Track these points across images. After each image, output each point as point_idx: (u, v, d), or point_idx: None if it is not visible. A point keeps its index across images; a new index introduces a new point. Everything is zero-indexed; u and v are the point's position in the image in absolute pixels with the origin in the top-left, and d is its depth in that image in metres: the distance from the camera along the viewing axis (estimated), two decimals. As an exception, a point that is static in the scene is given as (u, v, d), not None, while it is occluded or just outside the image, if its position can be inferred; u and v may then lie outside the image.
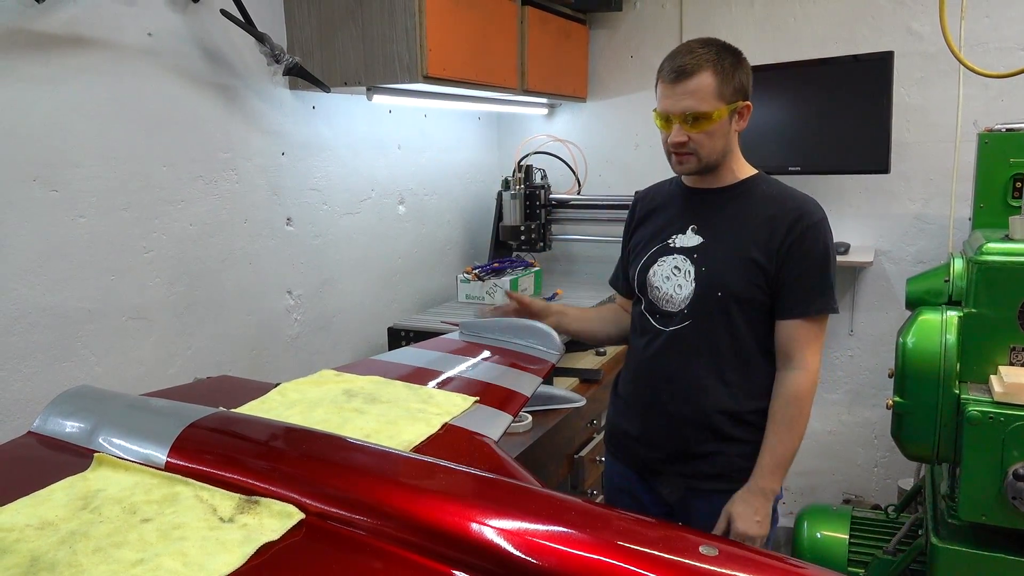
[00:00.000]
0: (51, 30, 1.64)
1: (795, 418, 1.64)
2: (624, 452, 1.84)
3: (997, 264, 1.85)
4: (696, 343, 1.68)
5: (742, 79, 1.63)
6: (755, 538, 1.63)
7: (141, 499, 0.97)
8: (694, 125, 1.61)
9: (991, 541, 1.89)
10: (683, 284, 1.68)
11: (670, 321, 1.71)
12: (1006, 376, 1.81)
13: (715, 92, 1.59)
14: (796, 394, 1.64)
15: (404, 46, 2.15)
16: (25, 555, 0.85)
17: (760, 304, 1.66)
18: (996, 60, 2.64)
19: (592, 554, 0.84)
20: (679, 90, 1.60)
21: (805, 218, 1.63)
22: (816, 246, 1.63)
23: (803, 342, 1.65)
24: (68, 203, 1.70)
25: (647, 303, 1.75)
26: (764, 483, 1.65)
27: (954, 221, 2.80)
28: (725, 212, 1.69)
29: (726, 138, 1.64)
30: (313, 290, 2.43)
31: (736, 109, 1.63)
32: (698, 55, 1.59)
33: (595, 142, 3.36)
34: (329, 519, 0.94)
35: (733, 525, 1.65)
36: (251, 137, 2.16)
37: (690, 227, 1.71)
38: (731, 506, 1.67)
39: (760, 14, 3.00)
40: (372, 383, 1.50)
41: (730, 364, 1.68)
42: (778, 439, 1.65)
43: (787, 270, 1.63)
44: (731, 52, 1.63)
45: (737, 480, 1.69)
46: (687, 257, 1.69)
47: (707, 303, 1.66)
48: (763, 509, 1.64)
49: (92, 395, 1.26)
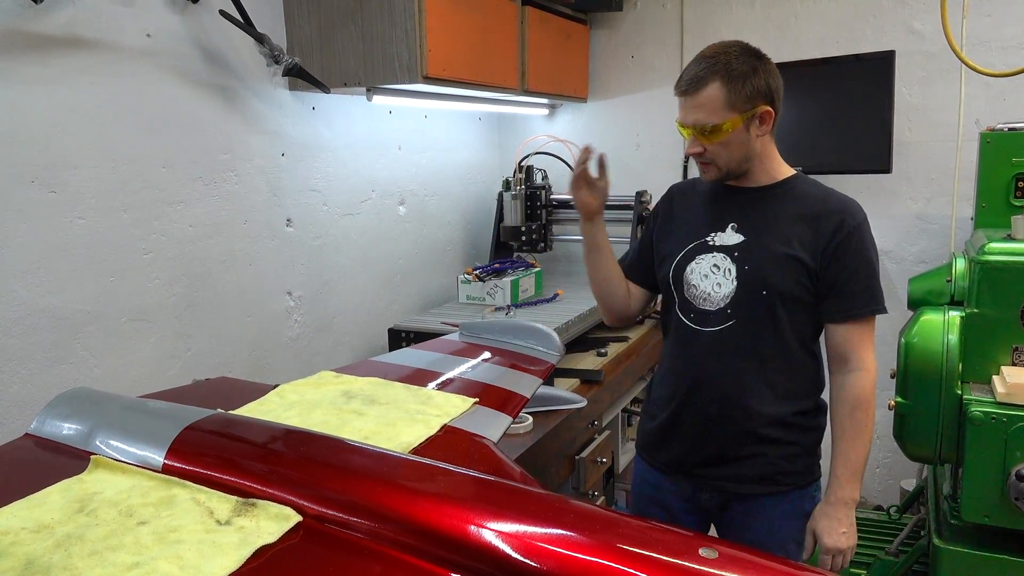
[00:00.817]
0: (49, 31, 1.64)
1: (863, 422, 1.62)
2: (661, 458, 1.79)
3: (999, 264, 1.84)
4: (739, 343, 1.64)
5: (758, 84, 1.58)
6: (844, 550, 1.62)
7: (138, 502, 0.97)
8: (707, 137, 1.59)
9: (994, 542, 1.89)
10: (722, 282, 1.65)
11: (709, 321, 1.66)
12: (1008, 376, 1.80)
13: (724, 103, 1.56)
14: (861, 397, 1.62)
15: (404, 46, 2.14)
16: (20, 558, 0.85)
17: (804, 303, 1.63)
18: (998, 59, 2.64)
19: (591, 556, 0.84)
20: (689, 103, 1.59)
21: (850, 218, 1.61)
22: (864, 246, 1.61)
23: (858, 343, 1.63)
24: (67, 204, 1.70)
25: (682, 301, 1.71)
26: (843, 493, 1.62)
27: (956, 221, 2.79)
28: (767, 211, 1.66)
29: (745, 146, 1.61)
30: (313, 291, 2.42)
31: (753, 116, 1.59)
32: (706, 66, 1.56)
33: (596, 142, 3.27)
34: (327, 522, 0.94)
35: (821, 542, 1.63)
36: (251, 138, 2.16)
37: (730, 225, 1.68)
38: (814, 523, 1.65)
39: (761, 14, 3.00)
40: (371, 385, 1.49)
41: (774, 364, 1.65)
42: (850, 446, 1.62)
43: (836, 271, 1.60)
44: (749, 57, 1.58)
45: (780, 483, 1.67)
46: (727, 255, 1.65)
47: (752, 302, 1.62)
48: (847, 520, 1.62)
49: (89, 397, 1.25)
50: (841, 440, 1.63)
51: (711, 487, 1.72)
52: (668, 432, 1.75)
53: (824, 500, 1.65)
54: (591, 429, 2.31)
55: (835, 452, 1.64)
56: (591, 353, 2.58)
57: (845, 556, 1.63)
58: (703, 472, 1.72)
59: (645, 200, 2.96)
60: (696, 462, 1.72)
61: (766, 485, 1.68)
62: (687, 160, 3.19)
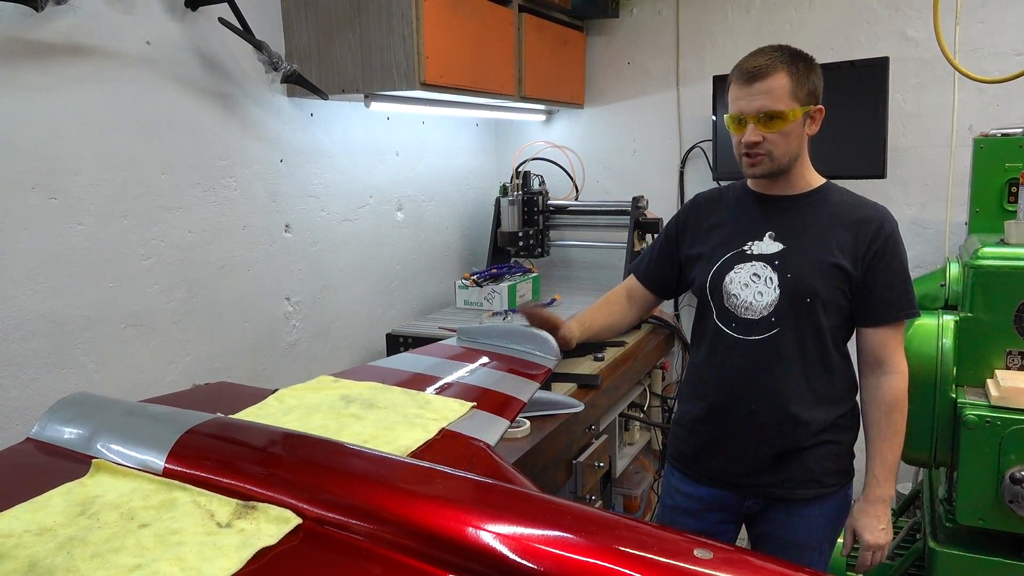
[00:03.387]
0: (50, 39, 1.65)
1: (898, 422, 1.67)
2: (704, 469, 1.80)
3: (993, 268, 1.86)
4: (784, 351, 1.66)
5: (815, 82, 1.63)
6: (883, 546, 1.67)
7: (139, 505, 0.98)
8: (769, 125, 1.60)
9: (989, 545, 1.90)
10: (764, 291, 1.66)
11: (752, 330, 1.68)
12: (1002, 380, 1.81)
13: (790, 92, 1.59)
14: (896, 398, 1.66)
15: (401, 53, 2.16)
16: (23, 561, 0.85)
17: (843, 308, 1.67)
18: (991, 65, 2.66)
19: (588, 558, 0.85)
20: (754, 90, 1.60)
21: (887, 225, 1.65)
22: (899, 252, 1.66)
23: (892, 346, 1.67)
24: (67, 211, 1.71)
25: (720, 311, 1.72)
26: (881, 492, 1.67)
27: (950, 226, 2.81)
28: (805, 219, 1.68)
29: (800, 140, 1.64)
30: (311, 297, 2.43)
31: (809, 112, 1.63)
32: (772, 57, 1.60)
33: (593, 148, 3.37)
34: (326, 524, 0.94)
35: (862, 538, 1.68)
36: (249, 144, 2.17)
37: (767, 234, 1.69)
38: (853, 521, 1.70)
39: (756, 20, 3.02)
40: (370, 389, 1.50)
41: (817, 371, 1.67)
42: (887, 446, 1.66)
43: (874, 277, 1.63)
44: (803, 57, 1.64)
45: (825, 484, 1.71)
46: (767, 264, 1.67)
47: (796, 309, 1.64)
48: (885, 517, 1.67)
49: (90, 402, 1.26)
50: (878, 440, 1.67)
51: (757, 493, 1.75)
52: (713, 443, 1.77)
53: (863, 499, 1.69)
54: (588, 433, 2.32)
55: (871, 452, 1.69)
56: (588, 358, 2.59)
57: (883, 551, 1.69)
58: (750, 480, 1.74)
59: (642, 206, 2.97)
60: (744, 471, 1.74)
61: (812, 488, 1.71)
62: (683, 166, 3.21)
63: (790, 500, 1.72)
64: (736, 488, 1.76)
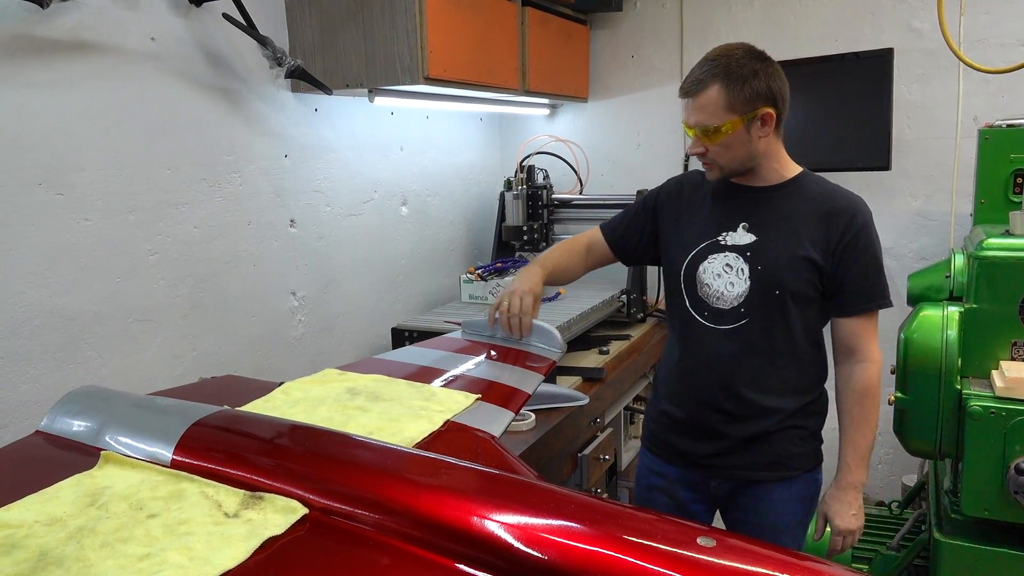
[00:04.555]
0: (55, 36, 1.66)
1: (870, 410, 1.70)
2: (669, 451, 1.84)
3: (998, 259, 1.85)
4: (753, 341, 1.69)
5: (759, 87, 1.59)
6: (854, 531, 1.70)
7: (147, 496, 0.99)
8: (708, 138, 1.63)
9: (994, 536, 1.90)
10: (735, 281, 1.69)
11: (723, 319, 1.71)
12: (1007, 371, 1.81)
13: (724, 105, 1.59)
14: (868, 386, 1.69)
15: (405, 48, 2.16)
16: (34, 550, 0.86)
17: (813, 301, 1.69)
18: (996, 56, 2.65)
19: (593, 546, 0.85)
20: (690, 105, 1.63)
21: (859, 216, 1.66)
22: (871, 243, 1.67)
23: (866, 336, 1.69)
24: (73, 206, 1.72)
25: (693, 300, 1.75)
26: (852, 478, 1.70)
27: (955, 217, 2.80)
28: (778, 210, 1.70)
29: (746, 147, 1.64)
30: (317, 291, 2.44)
31: (753, 118, 1.61)
32: (708, 69, 1.60)
33: (597, 142, 3.37)
34: (333, 514, 0.95)
35: (832, 524, 1.71)
36: (254, 140, 2.18)
37: (741, 224, 1.71)
38: (824, 507, 1.73)
39: (760, 12, 3.01)
40: (375, 382, 1.51)
41: (786, 360, 1.70)
42: (859, 433, 1.69)
43: (846, 268, 1.65)
44: (751, 60, 1.60)
45: (790, 467, 1.74)
46: (739, 255, 1.69)
47: (765, 301, 1.67)
48: (856, 502, 1.70)
49: (98, 395, 1.27)
50: (850, 428, 1.71)
51: (722, 475, 1.78)
52: (681, 427, 1.80)
53: (834, 485, 1.73)
54: (594, 427, 2.33)
55: (843, 439, 1.72)
56: (593, 351, 2.60)
57: (854, 536, 1.71)
58: (715, 462, 1.77)
59: (646, 199, 2.97)
60: (709, 454, 1.77)
61: (777, 470, 1.74)
62: (687, 159, 3.20)
63: (755, 482, 1.75)
64: (702, 468, 1.79)
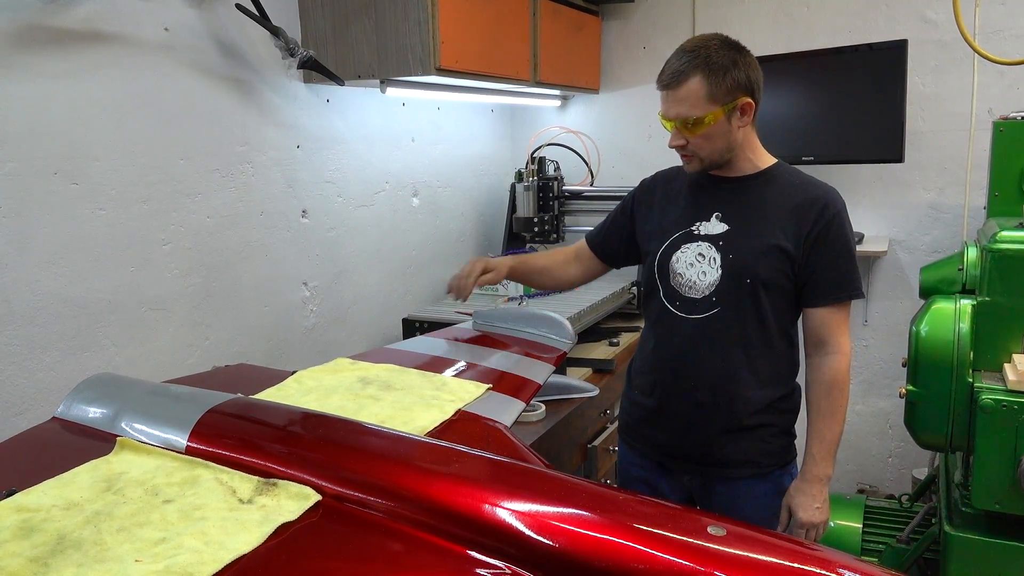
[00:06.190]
0: (69, 26, 1.67)
1: (838, 402, 1.68)
2: (643, 442, 1.84)
3: (1011, 252, 1.84)
4: (725, 331, 1.68)
5: (739, 77, 1.59)
6: (818, 525, 1.67)
7: (163, 481, 1.00)
8: (690, 130, 1.62)
9: (1004, 529, 1.89)
10: (707, 271, 1.68)
11: (694, 309, 1.70)
12: (1020, 364, 1.80)
13: (706, 96, 1.58)
14: (836, 378, 1.68)
15: (417, 38, 2.16)
16: (52, 534, 0.88)
17: (785, 291, 1.68)
18: (1012, 47, 2.62)
19: (603, 534, 0.86)
20: (671, 97, 1.62)
21: (831, 207, 1.65)
22: (843, 233, 1.65)
23: (835, 327, 1.68)
24: (88, 196, 1.73)
25: (667, 290, 1.74)
26: (818, 471, 1.67)
27: (969, 210, 2.79)
28: (750, 200, 1.70)
29: (727, 137, 1.64)
30: (328, 281, 2.45)
31: (734, 108, 1.61)
32: (687, 60, 1.59)
33: (608, 133, 3.36)
34: (345, 501, 0.96)
35: (796, 516, 1.68)
36: (266, 130, 2.19)
37: (714, 214, 1.71)
38: (789, 499, 1.70)
39: (773, 3, 2.99)
40: (387, 371, 1.52)
41: (758, 351, 1.69)
42: (825, 425, 1.67)
43: (816, 258, 1.64)
44: (728, 50, 1.60)
45: (762, 464, 1.72)
46: (712, 244, 1.69)
47: (736, 290, 1.66)
48: (821, 496, 1.67)
49: (114, 382, 1.28)
50: (817, 419, 1.69)
51: (694, 471, 1.77)
52: (654, 418, 1.80)
53: (800, 477, 1.70)
54: (603, 418, 2.34)
55: (811, 431, 1.70)
56: (603, 343, 2.60)
57: (819, 530, 1.68)
58: (686, 456, 1.77)
59: (657, 191, 2.97)
60: (681, 446, 1.76)
61: (749, 468, 1.73)
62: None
63: (728, 479, 1.74)
64: (676, 462, 1.79)
